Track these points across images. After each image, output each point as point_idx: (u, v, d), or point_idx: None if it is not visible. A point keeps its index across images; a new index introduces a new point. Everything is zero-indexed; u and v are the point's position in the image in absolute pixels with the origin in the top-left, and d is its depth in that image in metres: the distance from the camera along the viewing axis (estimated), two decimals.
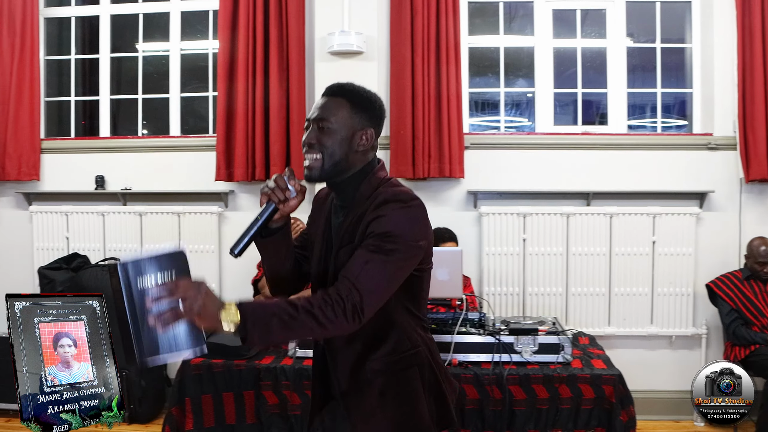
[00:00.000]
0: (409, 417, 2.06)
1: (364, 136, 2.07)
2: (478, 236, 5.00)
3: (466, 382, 3.37)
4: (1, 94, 5.34)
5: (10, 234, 5.54)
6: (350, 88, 2.12)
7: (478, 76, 5.35)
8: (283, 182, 2.03)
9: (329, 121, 2.03)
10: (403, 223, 1.95)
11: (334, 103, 2.07)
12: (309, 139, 2.05)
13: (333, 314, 1.81)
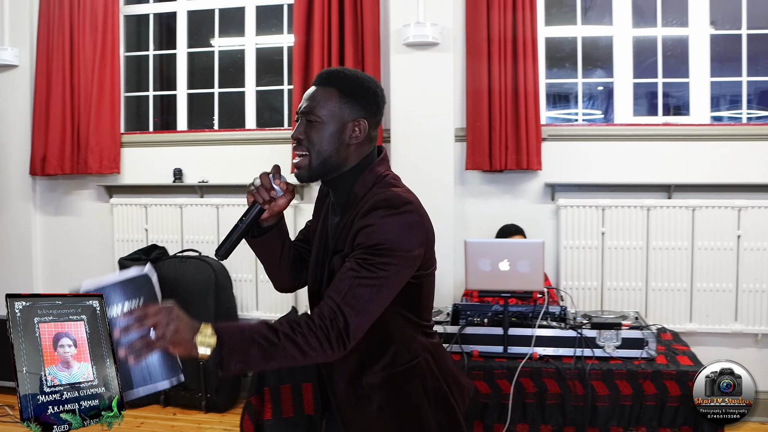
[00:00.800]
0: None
1: (357, 127, 1.90)
2: (555, 229, 4.92)
3: (548, 376, 3.31)
4: (83, 90, 5.48)
5: (92, 226, 5.69)
6: (341, 74, 1.95)
7: (554, 68, 5.26)
8: (268, 181, 1.90)
9: (316, 113, 1.88)
10: (394, 233, 1.80)
11: (323, 93, 1.91)
12: (296, 134, 1.90)
13: (317, 342, 1.69)
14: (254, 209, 1.91)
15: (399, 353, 1.94)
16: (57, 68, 5.48)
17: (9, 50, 5.57)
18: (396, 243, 1.79)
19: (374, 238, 1.79)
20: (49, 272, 5.81)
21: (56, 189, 5.75)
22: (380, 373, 1.94)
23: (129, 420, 4.79)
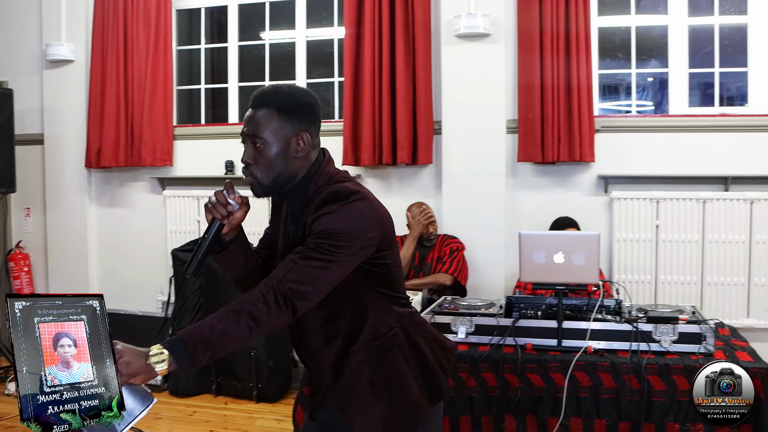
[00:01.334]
0: (402, 400, 2.03)
1: (301, 141, 1.98)
2: (608, 222, 4.86)
3: (603, 370, 3.27)
4: (137, 84, 5.57)
5: (145, 217, 5.79)
6: (274, 93, 2.01)
7: (607, 58, 5.19)
8: (223, 198, 1.98)
9: (260, 137, 1.96)
10: (345, 220, 1.89)
11: (262, 116, 1.97)
12: (245, 158, 2.00)
13: (265, 308, 1.78)
14: (214, 225, 1.97)
15: (377, 326, 2.03)
16: (111, 63, 5.58)
17: (65, 46, 5.69)
18: (343, 228, 1.88)
19: (323, 225, 1.88)
20: (103, 263, 5.93)
21: (111, 181, 5.86)
22: (364, 348, 2.02)
23: (182, 409, 4.88)
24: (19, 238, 6.06)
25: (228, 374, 5.09)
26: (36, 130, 5.90)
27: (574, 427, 3.29)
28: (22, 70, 5.94)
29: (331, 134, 5.26)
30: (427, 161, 5.00)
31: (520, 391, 3.30)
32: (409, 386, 2.03)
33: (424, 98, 4.96)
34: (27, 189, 5.89)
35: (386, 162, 5.00)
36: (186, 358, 1.71)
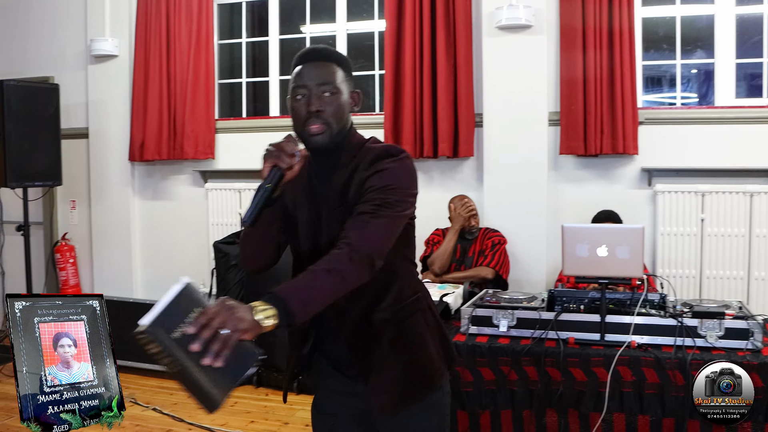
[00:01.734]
0: (421, 361, 2.09)
1: (355, 96, 2.07)
2: (652, 216, 4.79)
3: (646, 365, 3.22)
4: (179, 78, 5.63)
5: (187, 210, 5.86)
6: (331, 50, 2.11)
7: (651, 50, 5.11)
8: (291, 146, 1.94)
9: (334, 84, 1.99)
10: (400, 176, 1.96)
11: (328, 68, 2.01)
12: (318, 106, 1.97)
13: (351, 266, 1.80)
14: (275, 173, 1.91)
15: (402, 289, 2.09)
16: (154, 57, 5.65)
17: (109, 41, 5.77)
18: (402, 183, 1.97)
19: (384, 181, 1.94)
20: (147, 255, 6.02)
21: (154, 174, 5.94)
22: (388, 308, 2.06)
23: None
24: (65, 230, 6.18)
25: (269, 365, 5.13)
26: (81, 124, 6.01)
27: (616, 423, 3.26)
28: (68, 65, 6.05)
29: (372, 127, 5.26)
30: (469, 154, 4.98)
31: (562, 386, 3.27)
32: (428, 348, 2.10)
33: (465, 90, 4.94)
34: (73, 182, 6.01)
35: (427, 155, 4.99)
36: (287, 316, 1.69)
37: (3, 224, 6.48)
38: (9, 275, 6.47)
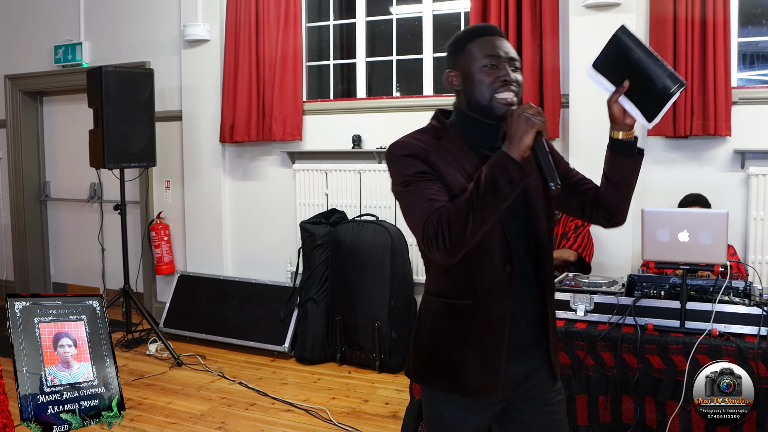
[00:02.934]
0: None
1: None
2: (744, 199, 4.62)
3: (728, 354, 3.12)
4: (268, 61, 5.74)
5: (276, 190, 6.00)
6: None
7: (750, 25, 4.90)
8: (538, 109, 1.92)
9: (519, 61, 2.05)
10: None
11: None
12: (515, 78, 1.99)
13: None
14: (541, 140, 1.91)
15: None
16: (244, 41, 5.77)
17: (202, 26, 5.94)
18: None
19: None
20: (236, 234, 6.20)
21: (243, 155, 6.09)
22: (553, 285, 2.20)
23: (307, 376, 5.05)
24: (159, 209, 6.42)
25: (352, 344, 5.22)
26: (175, 107, 6.22)
27: (694, 412, 3.18)
28: (163, 50, 6.27)
29: None
30: (554, 135, 4.91)
31: (638, 372, 3.21)
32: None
33: (551, 70, 4.86)
34: (167, 163, 6.24)
35: None
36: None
37: (102, 203, 6.79)
38: (108, 251, 6.78)
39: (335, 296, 5.30)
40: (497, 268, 2.00)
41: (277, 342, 5.47)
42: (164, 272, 6.37)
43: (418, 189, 1.95)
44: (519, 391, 2.10)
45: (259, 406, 4.51)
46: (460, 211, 1.85)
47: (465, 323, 2.04)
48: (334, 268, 5.31)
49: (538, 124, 1.85)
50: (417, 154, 1.99)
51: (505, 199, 1.85)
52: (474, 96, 2.00)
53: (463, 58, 2.03)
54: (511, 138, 1.86)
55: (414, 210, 1.93)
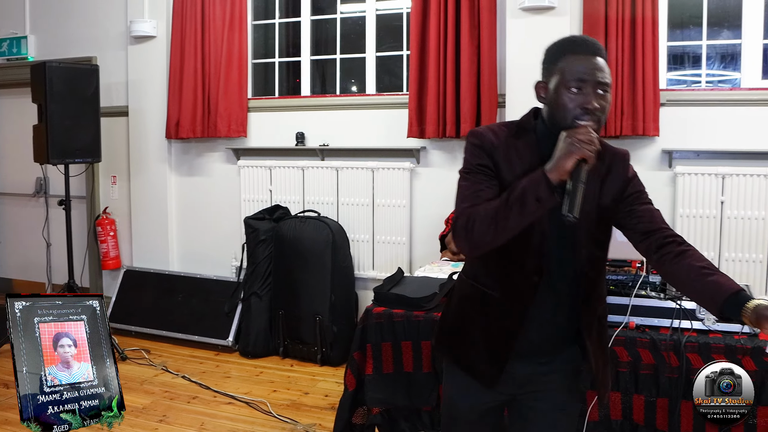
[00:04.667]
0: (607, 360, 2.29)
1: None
2: (671, 198, 4.79)
3: (642, 346, 3.25)
4: (214, 58, 5.79)
5: (221, 186, 6.05)
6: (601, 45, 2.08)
7: (677, 29, 5.07)
8: (594, 139, 1.89)
9: (610, 86, 1.98)
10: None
11: (607, 68, 2.00)
12: (598, 105, 1.94)
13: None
14: (584, 168, 1.90)
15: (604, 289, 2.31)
16: (190, 38, 5.82)
17: (148, 22, 5.97)
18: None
19: (642, 184, 2.14)
20: (182, 229, 6.24)
21: (189, 151, 6.14)
22: (604, 306, 2.28)
23: (250, 369, 5.12)
24: (106, 205, 6.43)
25: (294, 338, 5.31)
26: (121, 103, 6.23)
27: (612, 402, 3.31)
28: (109, 45, 6.27)
29: (398, 107, 5.36)
30: None
31: None
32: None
33: (488, 71, 4.98)
34: (113, 158, 6.26)
35: (450, 134, 5.05)
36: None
37: (48, 198, 6.77)
38: (54, 246, 6.76)
39: (278, 291, 5.38)
40: (526, 275, 2.07)
41: (221, 336, 5.53)
42: (110, 267, 6.38)
43: (473, 180, 2.03)
44: (526, 390, 2.22)
45: (201, 399, 4.58)
46: (488, 216, 1.92)
47: (486, 311, 2.16)
48: (277, 263, 5.39)
49: (582, 151, 1.85)
50: (485, 146, 2.04)
51: (530, 215, 1.89)
52: (556, 115, 1.98)
53: (553, 73, 2.01)
54: (554, 159, 1.88)
55: (460, 197, 2.02)
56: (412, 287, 3.71)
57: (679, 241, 1.99)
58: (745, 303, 1.75)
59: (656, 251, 2.03)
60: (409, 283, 3.80)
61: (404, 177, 5.37)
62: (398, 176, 5.39)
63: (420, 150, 5.34)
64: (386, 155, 5.46)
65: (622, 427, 3.31)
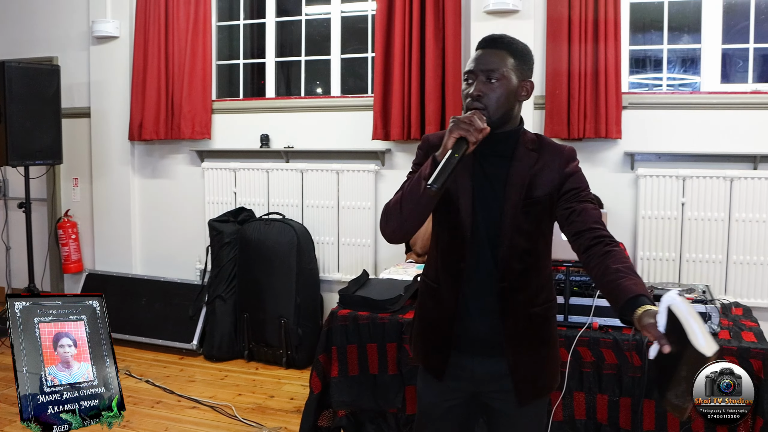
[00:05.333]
0: (555, 359, 2.29)
1: (526, 87, 2.13)
2: (634, 199, 4.85)
3: (606, 346, 3.30)
4: (177, 59, 5.74)
5: (185, 188, 6.00)
6: (510, 40, 2.14)
7: (641, 33, 5.14)
8: (480, 122, 1.96)
9: (498, 72, 2.05)
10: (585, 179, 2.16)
11: (498, 55, 2.08)
12: (477, 91, 2.05)
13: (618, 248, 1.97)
14: (463, 146, 1.94)
15: (551, 290, 2.26)
16: (153, 39, 5.76)
17: (111, 23, 5.90)
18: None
19: (584, 182, 2.15)
20: (146, 232, 6.18)
21: (153, 153, 6.08)
22: (542, 305, 2.21)
23: (214, 373, 5.08)
24: (67, 207, 6.34)
25: (259, 341, 5.28)
26: (83, 104, 6.15)
27: (576, 402, 3.35)
28: (71, 45, 6.19)
29: (365, 109, 5.35)
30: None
31: None
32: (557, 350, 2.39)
33: (452, 73, 5.00)
34: (75, 160, 6.18)
35: (414, 137, 5.06)
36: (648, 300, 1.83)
37: (8, 201, 6.66)
38: (14, 250, 6.65)
39: (243, 294, 5.35)
40: (454, 261, 2.17)
41: (186, 340, 5.48)
42: (72, 271, 6.29)
43: (409, 178, 2.15)
44: (485, 389, 2.25)
45: (165, 403, 4.53)
46: (396, 204, 2.08)
47: (431, 303, 2.27)
48: (242, 265, 5.35)
49: (460, 130, 1.93)
50: (424, 146, 2.22)
51: (419, 196, 1.97)
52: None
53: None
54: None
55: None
56: (378, 289, 3.71)
57: (606, 242, 2.00)
58: (637, 308, 1.79)
59: (584, 251, 2.05)
60: (374, 285, 3.80)
61: (369, 179, 5.37)
62: (363, 178, 5.39)
63: (385, 152, 5.34)
64: (351, 157, 5.46)
65: (586, 426, 3.35)
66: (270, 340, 5.22)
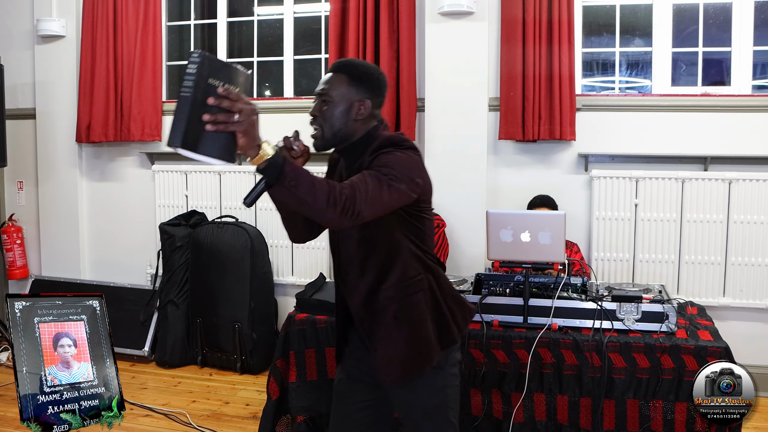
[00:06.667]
0: (419, 337, 2.31)
1: (362, 106, 2.28)
2: (588, 200, 4.89)
3: (565, 347, 3.33)
4: (126, 59, 5.62)
5: (134, 191, 5.87)
6: (350, 63, 2.37)
7: (593, 36, 5.19)
8: (289, 143, 2.24)
9: (329, 95, 2.27)
10: (399, 159, 2.16)
11: (335, 78, 2.30)
12: (313, 111, 2.31)
13: (336, 200, 1.94)
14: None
15: (407, 269, 2.30)
16: (101, 38, 5.62)
17: (56, 21, 5.74)
18: (400, 164, 2.15)
19: (381, 161, 2.15)
20: (94, 236, 6.02)
21: (101, 156, 5.93)
22: (394, 286, 2.30)
23: (167, 379, 4.98)
24: (12, 211, 6.15)
25: (213, 346, 5.19)
26: (28, 105, 5.97)
27: (537, 403, 3.37)
28: (14, 45, 5.99)
29: None
30: (410, 138, 5.02)
31: (485, 367, 3.38)
32: (427, 327, 2.32)
33: (407, 75, 4.98)
34: (20, 162, 6.00)
35: None
36: (279, 170, 1.87)
37: None
38: None
39: (195, 298, 5.26)
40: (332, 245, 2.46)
41: (137, 346, 5.37)
42: (17, 277, 6.10)
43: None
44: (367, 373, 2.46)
45: None
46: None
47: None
48: (195, 270, 5.26)
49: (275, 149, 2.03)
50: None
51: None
52: None
53: None
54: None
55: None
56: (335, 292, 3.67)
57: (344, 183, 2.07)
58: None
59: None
60: (331, 289, 3.76)
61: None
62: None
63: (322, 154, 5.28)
64: (313, 159, 5.38)
65: (546, 427, 3.36)
66: (224, 346, 5.14)
